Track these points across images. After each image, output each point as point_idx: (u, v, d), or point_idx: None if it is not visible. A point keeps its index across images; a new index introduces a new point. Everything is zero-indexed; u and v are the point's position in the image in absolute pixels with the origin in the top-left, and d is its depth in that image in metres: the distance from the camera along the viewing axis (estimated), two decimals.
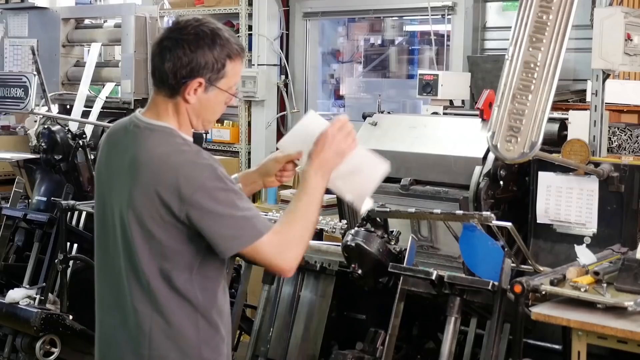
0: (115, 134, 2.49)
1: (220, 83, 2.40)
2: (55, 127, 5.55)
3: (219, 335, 2.45)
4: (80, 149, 5.54)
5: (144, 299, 2.37)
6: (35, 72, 5.63)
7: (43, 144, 5.47)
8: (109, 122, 5.95)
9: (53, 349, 4.66)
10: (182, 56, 2.34)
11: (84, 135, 5.58)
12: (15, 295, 4.66)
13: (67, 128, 5.62)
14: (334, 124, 2.56)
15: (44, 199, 5.55)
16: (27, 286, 4.77)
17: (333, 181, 2.59)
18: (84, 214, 5.22)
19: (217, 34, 2.38)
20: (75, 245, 5.09)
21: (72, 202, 4.83)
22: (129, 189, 2.35)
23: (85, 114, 6.01)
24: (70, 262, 4.89)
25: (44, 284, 4.73)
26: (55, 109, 6.35)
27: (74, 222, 5.27)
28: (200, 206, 2.29)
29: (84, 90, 6.07)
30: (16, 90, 5.67)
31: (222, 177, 2.33)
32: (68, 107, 6.40)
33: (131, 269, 2.37)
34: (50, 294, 4.73)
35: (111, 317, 2.46)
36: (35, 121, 5.81)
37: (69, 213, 4.97)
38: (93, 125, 5.88)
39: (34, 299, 4.66)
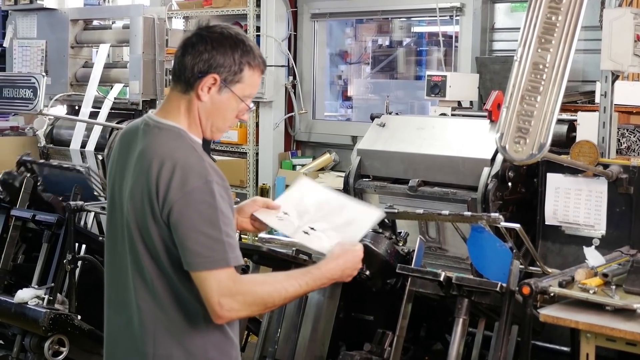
0: (128, 134, 2.49)
1: (235, 87, 2.40)
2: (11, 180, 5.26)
3: (225, 337, 2.44)
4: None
5: (148, 297, 2.37)
6: (44, 73, 5.64)
7: (6, 197, 5.19)
8: (117, 123, 5.97)
9: (61, 349, 4.66)
10: (203, 51, 2.36)
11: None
12: (24, 295, 4.67)
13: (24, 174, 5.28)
14: (358, 252, 2.54)
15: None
16: (36, 286, 4.77)
17: (326, 232, 2.61)
18: (92, 214, 5.23)
19: (242, 40, 2.41)
20: (84, 246, 5.09)
21: (80, 202, 4.83)
22: (131, 185, 2.36)
23: (94, 115, 6.02)
24: (79, 263, 4.89)
25: (53, 284, 4.73)
26: (63, 109, 6.37)
27: (82, 223, 5.28)
28: (180, 212, 2.26)
29: (92, 91, 6.08)
30: (25, 91, 5.68)
31: (214, 192, 2.28)
32: (77, 107, 6.41)
33: (136, 267, 2.37)
34: (58, 294, 4.73)
35: (118, 316, 2.46)
36: (44, 124, 5.81)
37: (77, 214, 4.98)
38: (101, 127, 5.89)
39: (43, 299, 4.66)
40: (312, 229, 2.62)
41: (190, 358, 2.38)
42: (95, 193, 5.79)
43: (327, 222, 2.64)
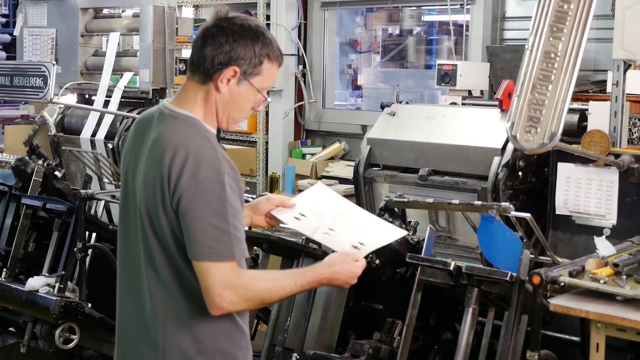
0: (142, 122, 2.50)
1: (254, 80, 2.42)
2: (23, 166, 5.28)
3: (235, 326, 2.44)
4: (54, 179, 5.27)
5: (159, 285, 2.38)
6: (54, 62, 5.64)
7: (18, 184, 5.23)
8: (127, 112, 5.97)
9: (72, 337, 4.68)
10: (224, 43, 2.36)
11: (57, 168, 5.33)
12: (35, 283, 4.69)
13: (36, 162, 5.33)
14: (356, 267, 2.55)
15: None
16: (47, 274, 4.79)
17: (347, 233, 2.64)
18: (102, 203, 5.24)
19: (262, 32, 2.41)
20: (94, 234, 5.11)
21: (90, 191, 4.84)
22: (144, 173, 2.37)
23: (104, 104, 6.03)
24: (89, 251, 4.91)
25: (63, 272, 4.75)
26: (74, 98, 6.37)
27: (92, 211, 5.29)
28: (189, 201, 2.27)
29: (105, 81, 6.09)
30: (35, 79, 5.69)
31: (225, 184, 2.29)
32: (87, 96, 6.42)
33: (147, 255, 2.38)
34: (69, 282, 4.75)
35: (130, 303, 2.47)
36: (54, 112, 5.82)
37: (88, 202, 4.99)
38: (112, 115, 5.90)
39: (53, 287, 4.68)
40: (332, 229, 2.65)
41: (199, 346, 2.39)
42: (106, 180, 5.82)
43: (348, 224, 2.68)
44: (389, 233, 2.79)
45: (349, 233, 2.65)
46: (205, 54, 2.37)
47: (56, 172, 5.29)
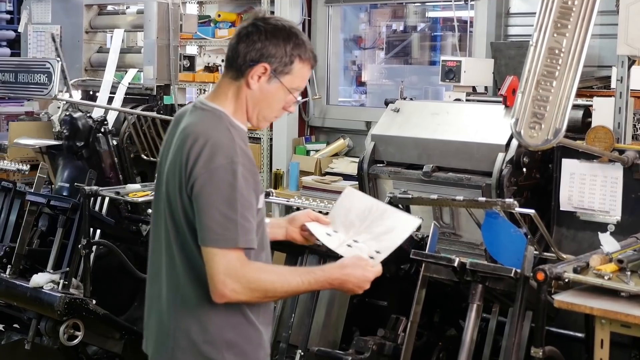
0: (179, 115, 2.59)
1: (285, 79, 2.48)
2: (77, 114, 5.60)
3: (246, 319, 2.47)
4: (101, 135, 5.58)
5: (173, 271, 2.44)
6: (58, 58, 5.66)
7: (65, 131, 5.53)
8: (131, 108, 5.98)
9: (77, 333, 4.69)
10: (256, 40, 2.44)
11: (106, 122, 5.62)
12: (39, 279, 4.70)
13: (88, 115, 5.66)
14: (370, 272, 2.58)
15: (67, 185, 5.60)
16: (51, 271, 4.80)
17: (367, 242, 2.69)
18: (106, 199, 5.25)
19: (295, 33, 2.50)
20: (98, 231, 5.12)
21: (95, 187, 4.85)
22: (170, 159, 2.45)
23: (108, 100, 6.04)
24: (93, 247, 4.92)
25: (68, 268, 4.76)
26: (78, 95, 6.38)
27: (96, 208, 5.30)
28: (201, 187, 2.34)
29: (109, 77, 6.10)
30: (40, 76, 5.71)
31: (237, 173, 2.34)
32: (91, 92, 6.43)
33: (167, 241, 2.46)
34: (73, 279, 4.76)
35: (152, 287, 2.55)
36: (59, 107, 5.84)
37: (92, 199, 5.00)
38: (117, 112, 5.91)
39: (58, 283, 4.69)
40: (355, 241, 2.69)
41: (206, 336, 2.43)
42: None
43: (369, 233, 2.72)
44: (404, 228, 2.78)
45: (369, 242, 2.69)
46: (238, 51, 2.46)
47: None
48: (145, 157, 5.89)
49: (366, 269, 2.56)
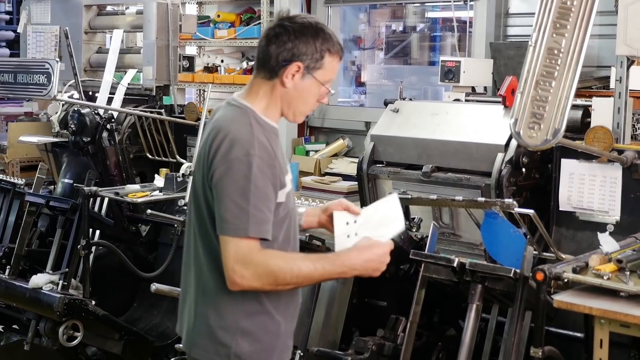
0: (214, 112, 2.67)
1: (317, 74, 2.57)
2: (85, 110, 5.62)
3: (263, 308, 2.52)
4: (107, 131, 5.59)
5: (198, 259, 2.54)
6: (58, 59, 5.66)
7: (72, 126, 5.54)
8: (130, 108, 5.97)
9: (76, 334, 4.70)
10: (286, 41, 2.52)
11: (112, 119, 5.63)
12: (39, 280, 4.70)
13: (95, 111, 5.67)
14: (386, 247, 2.60)
15: (70, 181, 5.60)
16: (50, 272, 4.81)
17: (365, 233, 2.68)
18: (106, 200, 5.26)
19: (322, 28, 2.58)
20: (98, 231, 5.12)
21: (94, 188, 4.85)
22: (198, 152, 2.57)
23: (108, 101, 6.04)
24: (93, 248, 4.92)
25: (67, 269, 4.76)
26: (77, 95, 6.37)
27: (96, 207, 5.31)
28: (219, 178, 2.43)
29: (108, 78, 6.10)
30: (39, 76, 5.70)
31: (252, 165, 2.41)
32: (90, 93, 6.42)
33: (193, 231, 2.57)
34: (72, 280, 4.77)
35: (186, 276, 2.63)
36: (58, 110, 5.85)
37: (91, 199, 5.00)
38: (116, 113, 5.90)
39: (57, 284, 4.70)
40: (356, 234, 2.69)
41: (222, 322, 2.50)
42: None
43: (368, 228, 2.71)
44: (393, 211, 2.77)
45: (369, 232, 2.68)
46: (270, 52, 2.54)
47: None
48: (150, 157, 5.87)
49: (379, 244, 2.59)
